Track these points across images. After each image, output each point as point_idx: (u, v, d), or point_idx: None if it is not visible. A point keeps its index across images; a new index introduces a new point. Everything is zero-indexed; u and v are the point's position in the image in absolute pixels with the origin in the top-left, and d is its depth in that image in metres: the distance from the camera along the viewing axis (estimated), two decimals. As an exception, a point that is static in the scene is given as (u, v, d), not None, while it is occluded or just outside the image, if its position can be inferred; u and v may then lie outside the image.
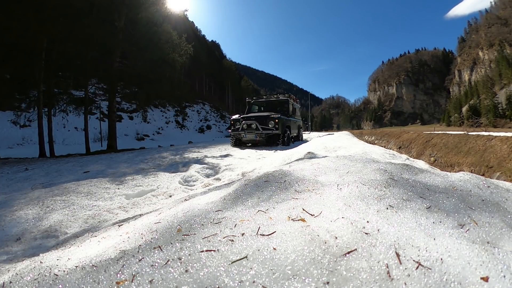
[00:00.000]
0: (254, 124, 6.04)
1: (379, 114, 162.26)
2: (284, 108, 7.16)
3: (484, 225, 0.67)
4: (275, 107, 7.30)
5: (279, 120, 5.91)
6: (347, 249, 0.57)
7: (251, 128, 6.06)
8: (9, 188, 2.48)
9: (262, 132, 5.92)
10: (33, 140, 12.85)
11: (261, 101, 7.82)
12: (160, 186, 2.22)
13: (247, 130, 6.09)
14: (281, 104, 7.33)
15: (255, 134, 5.99)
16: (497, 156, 1.62)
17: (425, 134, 3.40)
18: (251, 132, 6.02)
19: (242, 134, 6.13)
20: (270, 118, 5.94)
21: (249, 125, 6.12)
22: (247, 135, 6.07)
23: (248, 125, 6.14)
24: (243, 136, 6.13)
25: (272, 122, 5.91)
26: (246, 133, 6.06)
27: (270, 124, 5.93)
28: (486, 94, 62.20)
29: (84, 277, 0.58)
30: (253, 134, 6.01)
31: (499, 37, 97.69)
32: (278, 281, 0.49)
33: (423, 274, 0.49)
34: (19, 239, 1.27)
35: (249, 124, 6.13)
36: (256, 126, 6.00)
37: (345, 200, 0.84)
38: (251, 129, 6.06)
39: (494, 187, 0.95)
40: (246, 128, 6.13)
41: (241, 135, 6.16)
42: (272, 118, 5.92)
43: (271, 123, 5.92)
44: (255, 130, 5.98)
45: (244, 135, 6.12)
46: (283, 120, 6.16)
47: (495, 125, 44.87)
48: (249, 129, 6.08)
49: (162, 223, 0.87)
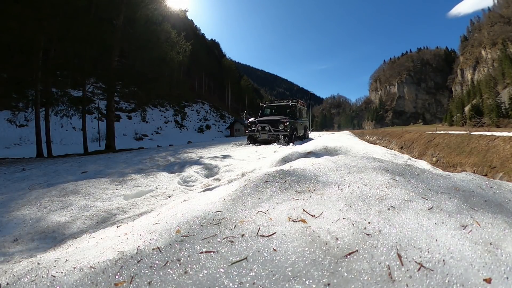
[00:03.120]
0: (267, 127, 7.34)
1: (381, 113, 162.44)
2: (292, 111, 8.34)
3: (487, 226, 0.66)
4: (285, 110, 8.45)
5: (288, 123, 7.20)
6: (348, 250, 0.56)
7: (265, 130, 7.38)
8: (6, 189, 2.47)
9: (274, 133, 7.20)
10: (30, 140, 12.80)
11: (272, 105, 9.22)
12: (159, 186, 2.21)
13: (261, 131, 7.42)
14: (290, 108, 8.50)
15: (268, 135, 7.29)
16: (500, 156, 1.61)
17: (427, 134, 3.39)
18: (265, 133, 7.34)
19: (257, 134, 7.47)
20: (281, 122, 7.21)
21: (263, 127, 7.46)
22: (261, 135, 7.41)
23: (262, 127, 7.49)
24: (258, 136, 7.45)
25: (282, 125, 7.16)
26: (260, 134, 7.41)
27: (280, 126, 7.17)
28: (489, 94, 61.89)
29: (82, 279, 0.57)
30: (266, 134, 7.32)
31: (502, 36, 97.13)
32: (279, 283, 0.48)
33: (425, 275, 0.48)
34: (16, 240, 1.26)
35: (263, 126, 7.47)
36: (269, 128, 7.30)
37: (346, 201, 0.83)
38: (265, 130, 7.37)
39: (497, 188, 0.94)
40: (260, 130, 7.47)
41: (256, 135, 7.50)
42: (282, 122, 7.18)
43: (281, 126, 7.18)
44: (268, 132, 7.28)
45: (259, 135, 7.46)
46: (291, 123, 7.45)
47: (498, 125, 44.86)
48: (263, 131, 7.40)
49: (161, 224, 0.86)
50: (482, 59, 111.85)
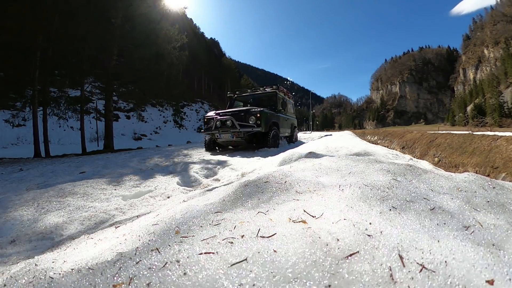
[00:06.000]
0: (229, 121, 4.74)
1: (382, 113, 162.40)
2: (273, 102, 5.96)
3: (489, 227, 0.66)
4: (263, 102, 6.06)
5: (262, 114, 4.67)
6: (349, 251, 0.55)
7: (226, 126, 4.77)
8: (3, 189, 2.45)
9: (240, 130, 4.63)
10: (28, 140, 12.72)
11: (245, 95, 6.48)
12: (157, 187, 2.20)
13: (221, 128, 4.81)
14: (269, 98, 6.08)
15: (232, 134, 4.72)
16: (503, 156, 1.61)
17: (429, 134, 3.38)
18: (226, 131, 4.74)
19: (216, 134, 4.86)
20: (250, 113, 4.72)
21: (224, 122, 4.81)
22: (222, 134, 4.80)
23: (222, 122, 4.83)
24: (217, 137, 4.89)
25: (253, 117, 4.67)
26: (220, 133, 4.80)
27: (251, 120, 4.67)
28: (492, 93, 61.57)
29: (80, 280, 0.56)
30: (228, 133, 4.74)
31: (504, 35, 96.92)
32: (279, 284, 0.48)
33: (427, 277, 0.48)
34: (13, 241, 1.25)
35: (223, 121, 4.81)
36: (232, 123, 4.70)
37: (347, 201, 0.83)
38: (226, 127, 4.76)
39: (500, 188, 0.94)
40: (220, 126, 4.84)
41: (215, 135, 4.90)
42: (253, 112, 4.72)
43: (251, 119, 4.67)
44: (231, 128, 4.70)
45: (218, 135, 4.85)
46: (267, 115, 4.89)
47: (501, 125, 44.54)
48: (224, 128, 4.78)
49: (160, 224, 0.86)
50: (485, 58, 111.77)
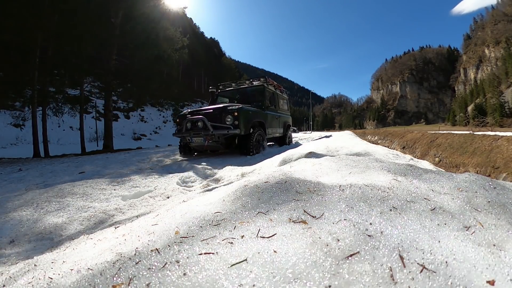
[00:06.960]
0: (200, 122, 3.92)
1: (383, 113, 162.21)
2: (261, 96, 5.03)
3: (490, 227, 0.66)
4: (250, 98, 5.10)
5: (240, 113, 3.85)
6: (350, 252, 0.55)
7: (198, 128, 3.96)
8: (2, 189, 2.45)
9: (214, 133, 3.80)
10: (27, 139, 12.72)
11: (230, 90, 5.56)
12: (157, 187, 2.19)
13: (192, 131, 3.98)
14: (259, 93, 5.12)
15: (204, 137, 3.89)
16: (504, 156, 1.61)
17: (429, 133, 3.38)
18: (198, 134, 3.91)
19: (187, 137, 4.04)
20: (227, 111, 3.91)
21: (195, 123, 3.99)
22: (194, 138, 3.97)
23: (193, 123, 4.01)
24: (189, 140, 4.07)
25: (230, 117, 3.85)
26: (191, 136, 3.97)
27: (228, 120, 3.87)
28: (492, 93, 61.28)
29: (80, 281, 0.56)
30: (201, 137, 3.91)
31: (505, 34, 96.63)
32: (279, 285, 0.48)
33: (428, 277, 0.48)
34: (12, 242, 1.25)
35: (194, 121, 3.99)
36: (204, 125, 3.89)
37: (348, 202, 0.82)
38: (198, 129, 3.95)
39: (501, 188, 0.94)
40: (190, 128, 4.03)
41: (187, 138, 4.07)
42: (230, 111, 3.89)
43: (228, 118, 3.87)
44: (203, 131, 3.87)
45: (189, 139, 4.02)
46: (247, 113, 4.06)
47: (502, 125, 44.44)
48: (195, 130, 3.97)
49: (160, 225, 0.85)
50: (486, 57, 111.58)
